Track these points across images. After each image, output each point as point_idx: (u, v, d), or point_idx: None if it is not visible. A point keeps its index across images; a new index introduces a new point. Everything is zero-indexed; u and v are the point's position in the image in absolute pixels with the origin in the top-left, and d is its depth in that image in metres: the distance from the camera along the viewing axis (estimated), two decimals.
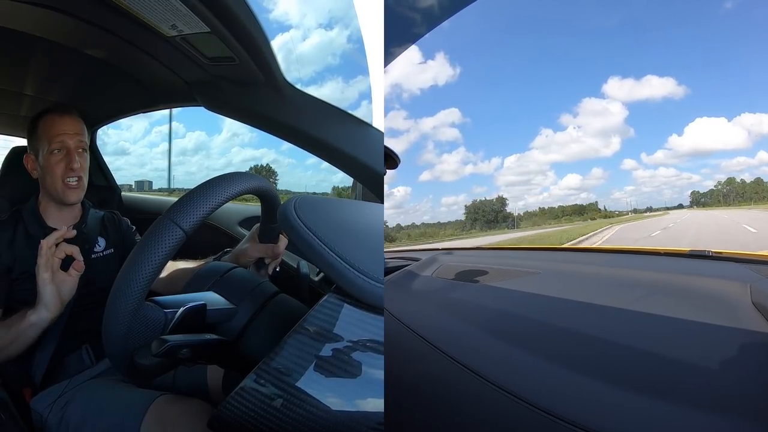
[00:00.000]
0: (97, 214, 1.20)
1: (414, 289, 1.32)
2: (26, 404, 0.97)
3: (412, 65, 36.35)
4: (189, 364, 0.58)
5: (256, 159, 16.29)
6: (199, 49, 1.06)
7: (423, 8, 0.95)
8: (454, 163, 37.14)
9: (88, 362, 1.03)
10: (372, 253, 0.56)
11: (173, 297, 0.59)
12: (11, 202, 1.23)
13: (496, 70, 41.22)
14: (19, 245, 1.04)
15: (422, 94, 37.97)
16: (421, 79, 37.17)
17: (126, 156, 22.10)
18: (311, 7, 2.68)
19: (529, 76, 40.22)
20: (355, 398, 0.49)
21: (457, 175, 37.06)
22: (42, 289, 0.90)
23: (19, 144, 1.40)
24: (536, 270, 1.23)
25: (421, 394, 0.71)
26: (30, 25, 1.08)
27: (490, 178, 36.99)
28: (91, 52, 1.23)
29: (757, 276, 0.82)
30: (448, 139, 36.78)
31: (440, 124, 37.19)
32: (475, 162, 37.58)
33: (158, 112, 1.27)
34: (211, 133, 24.16)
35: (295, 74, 1.11)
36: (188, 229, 0.55)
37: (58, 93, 1.53)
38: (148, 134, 22.44)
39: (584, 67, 39.22)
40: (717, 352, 0.59)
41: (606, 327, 0.75)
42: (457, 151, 37.17)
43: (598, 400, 0.52)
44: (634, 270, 1.07)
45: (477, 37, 41.55)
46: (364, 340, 0.50)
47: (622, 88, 36.53)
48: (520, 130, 41.35)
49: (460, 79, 38.39)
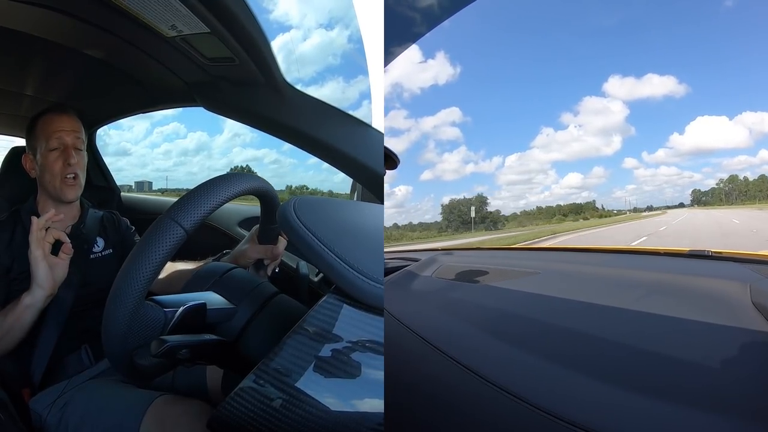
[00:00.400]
0: (96, 214, 1.21)
1: (413, 290, 1.32)
2: (25, 405, 0.96)
3: (412, 64, 36.44)
4: (188, 364, 0.58)
5: (257, 159, 16.33)
6: (198, 50, 1.06)
7: (423, 8, 0.95)
8: (455, 162, 37.17)
9: (87, 362, 1.03)
10: (371, 253, 0.56)
11: (173, 296, 0.59)
12: (10, 203, 1.23)
13: (497, 68, 41.25)
14: (17, 245, 1.04)
15: (423, 94, 38.02)
16: (421, 78, 37.24)
17: (128, 156, 22.21)
18: (311, 7, 2.68)
19: (530, 75, 40.24)
20: (354, 399, 0.49)
21: (459, 174, 37.08)
22: (35, 268, 0.93)
23: (19, 144, 1.40)
24: (536, 270, 1.23)
25: (421, 395, 0.71)
26: (29, 25, 1.08)
27: (491, 177, 37.00)
28: (91, 52, 1.23)
29: (757, 276, 0.81)
30: (449, 138, 36.83)
31: (441, 123, 37.24)
32: (476, 161, 37.60)
33: (159, 112, 1.28)
34: (213, 134, 24.14)
35: (295, 74, 1.12)
36: (189, 228, 0.55)
37: (57, 93, 1.53)
38: (149, 135, 22.51)
39: (585, 65, 39.23)
40: (717, 352, 0.59)
41: (606, 327, 0.75)
42: (458, 150, 37.19)
43: (598, 400, 0.52)
44: (633, 270, 1.07)
45: (477, 36, 41.62)
46: (364, 340, 0.50)
47: (623, 87, 36.47)
48: (521, 129, 41.37)
49: (461, 78, 38.45)
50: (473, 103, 40.96)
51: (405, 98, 37.55)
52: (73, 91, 1.53)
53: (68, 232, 1.12)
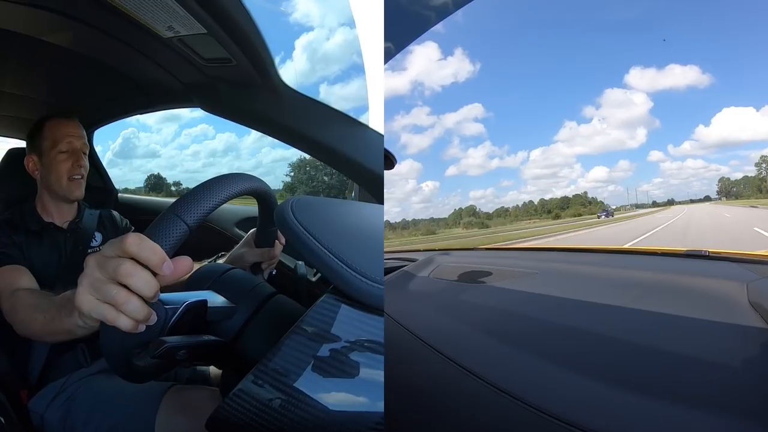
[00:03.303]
0: (92, 213, 1.23)
1: (411, 290, 1.32)
2: (24, 406, 0.96)
3: (430, 62, 36.37)
4: (186, 365, 0.58)
5: (285, 159, 16.20)
6: (195, 51, 1.06)
7: (423, 7, 0.96)
8: (479, 157, 36.68)
9: (84, 362, 1.03)
10: (370, 253, 0.56)
11: (173, 294, 0.59)
12: (5, 204, 1.23)
13: (515, 63, 40.84)
14: (18, 247, 1.05)
15: (443, 91, 37.78)
16: (441, 75, 37.03)
17: (157, 158, 22.34)
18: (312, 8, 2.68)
19: (548, 69, 39.76)
20: (353, 398, 0.49)
21: (484, 169, 36.61)
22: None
23: (14, 146, 1.39)
24: (534, 270, 1.23)
25: (420, 395, 0.71)
26: (25, 26, 1.07)
27: (516, 171, 36.54)
28: (87, 53, 1.23)
29: (754, 275, 0.82)
30: (473, 133, 36.52)
31: (463, 119, 36.97)
32: (501, 156, 37.15)
33: (187, 114, 1.28)
34: (241, 135, 24.12)
35: (295, 75, 1.12)
36: (192, 224, 0.54)
37: (54, 94, 1.53)
38: (177, 137, 22.58)
39: (604, 58, 38.72)
40: (714, 351, 0.59)
41: (604, 326, 0.75)
42: (482, 145, 36.85)
43: (596, 400, 0.52)
44: (630, 270, 1.07)
45: (494, 31, 41.42)
46: (362, 340, 0.50)
47: (644, 78, 35.89)
48: (544, 123, 40.58)
49: (480, 74, 38.11)
50: (494, 98, 40.50)
51: (426, 96, 37.47)
52: (70, 93, 1.53)
53: (66, 228, 1.15)
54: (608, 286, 0.98)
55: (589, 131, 35.38)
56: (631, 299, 0.84)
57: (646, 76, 34.56)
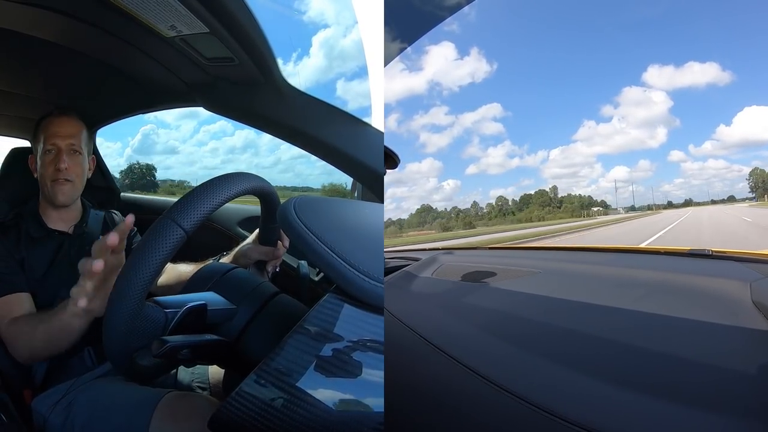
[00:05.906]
0: (98, 215, 1.21)
1: (413, 290, 1.32)
2: (26, 405, 0.96)
3: (447, 62, 36.22)
4: (189, 364, 0.58)
5: (304, 156, 16.16)
6: (198, 50, 1.06)
7: (423, 7, 0.95)
8: (499, 156, 36.49)
9: (91, 364, 1.03)
10: (371, 253, 0.56)
11: (174, 297, 0.59)
12: (10, 204, 1.23)
13: (532, 63, 40.55)
14: (23, 247, 1.05)
15: (461, 91, 37.62)
16: (458, 75, 36.82)
17: (176, 155, 22.40)
18: (316, 6, 2.68)
19: (566, 68, 39.36)
20: (355, 398, 0.49)
21: (504, 167, 36.42)
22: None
23: (17, 146, 1.40)
24: (536, 269, 1.23)
25: (421, 395, 0.70)
26: (27, 25, 1.08)
27: (536, 170, 36.22)
28: (90, 52, 1.23)
29: (757, 275, 0.81)
30: (492, 132, 36.30)
31: (482, 118, 36.80)
32: (521, 155, 36.90)
33: (205, 111, 1.28)
34: (260, 132, 24.39)
35: (296, 75, 1.11)
36: (189, 229, 0.55)
37: (55, 94, 1.53)
38: (196, 133, 22.62)
39: (621, 56, 38.13)
40: (717, 351, 0.59)
41: (606, 326, 0.75)
42: (502, 144, 36.62)
43: (598, 400, 0.52)
44: (634, 269, 1.07)
45: (510, 31, 41.14)
46: (364, 340, 0.50)
47: (662, 76, 35.07)
48: (563, 122, 40.25)
49: (498, 73, 37.86)
50: (513, 97, 40.20)
51: (444, 95, 37.29)
52: (72, 92, 1.53)
53: (70, 232, 1.13)
54: (612, 285, 0.97)
55: (609, 130, 35.01)
56: (634, 298, 0.84)
57: (664, 74, 33.96)
